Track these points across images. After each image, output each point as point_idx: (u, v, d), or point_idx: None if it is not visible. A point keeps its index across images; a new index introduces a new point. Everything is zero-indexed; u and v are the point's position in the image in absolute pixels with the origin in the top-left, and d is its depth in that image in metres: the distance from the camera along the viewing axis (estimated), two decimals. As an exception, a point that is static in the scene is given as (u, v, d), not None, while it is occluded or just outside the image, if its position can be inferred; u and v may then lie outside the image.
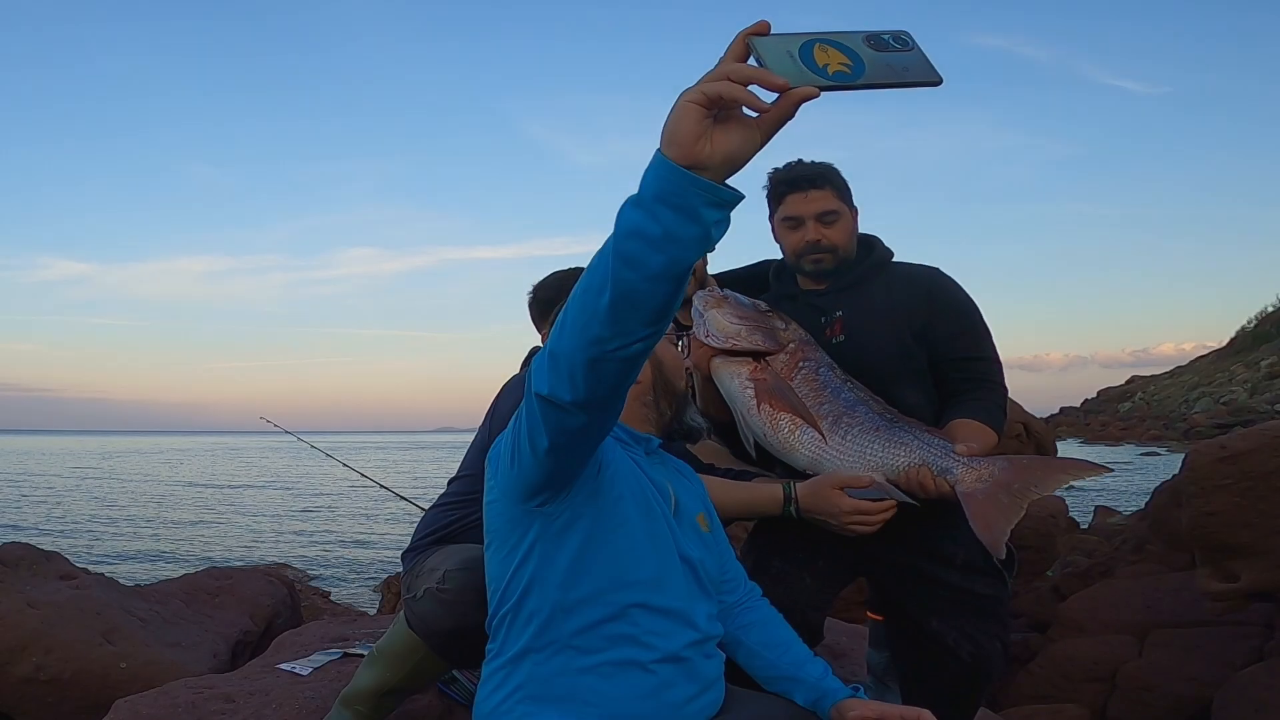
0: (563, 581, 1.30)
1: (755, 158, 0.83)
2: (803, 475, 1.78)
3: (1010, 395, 2.04)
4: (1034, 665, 4.14)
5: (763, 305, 1.78)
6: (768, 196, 1.99)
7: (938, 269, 2.01)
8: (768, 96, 0.77)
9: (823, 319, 1.94)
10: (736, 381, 1.67)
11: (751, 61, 0.78)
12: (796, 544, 1.92)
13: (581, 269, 2.03)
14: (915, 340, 1.91)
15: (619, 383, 1.04)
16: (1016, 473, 1.60)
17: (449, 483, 2.04)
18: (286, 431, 4.86)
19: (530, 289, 2.19)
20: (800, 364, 1.66)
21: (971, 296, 1.99)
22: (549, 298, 2.11)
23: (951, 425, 1.84)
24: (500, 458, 1.33)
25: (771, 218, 2.00)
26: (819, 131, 2.07)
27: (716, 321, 1.67)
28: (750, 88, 0.77)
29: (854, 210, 1.97)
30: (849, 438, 1.65)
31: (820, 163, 1.94)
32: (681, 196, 0.82)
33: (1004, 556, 1.60)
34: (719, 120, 0.80)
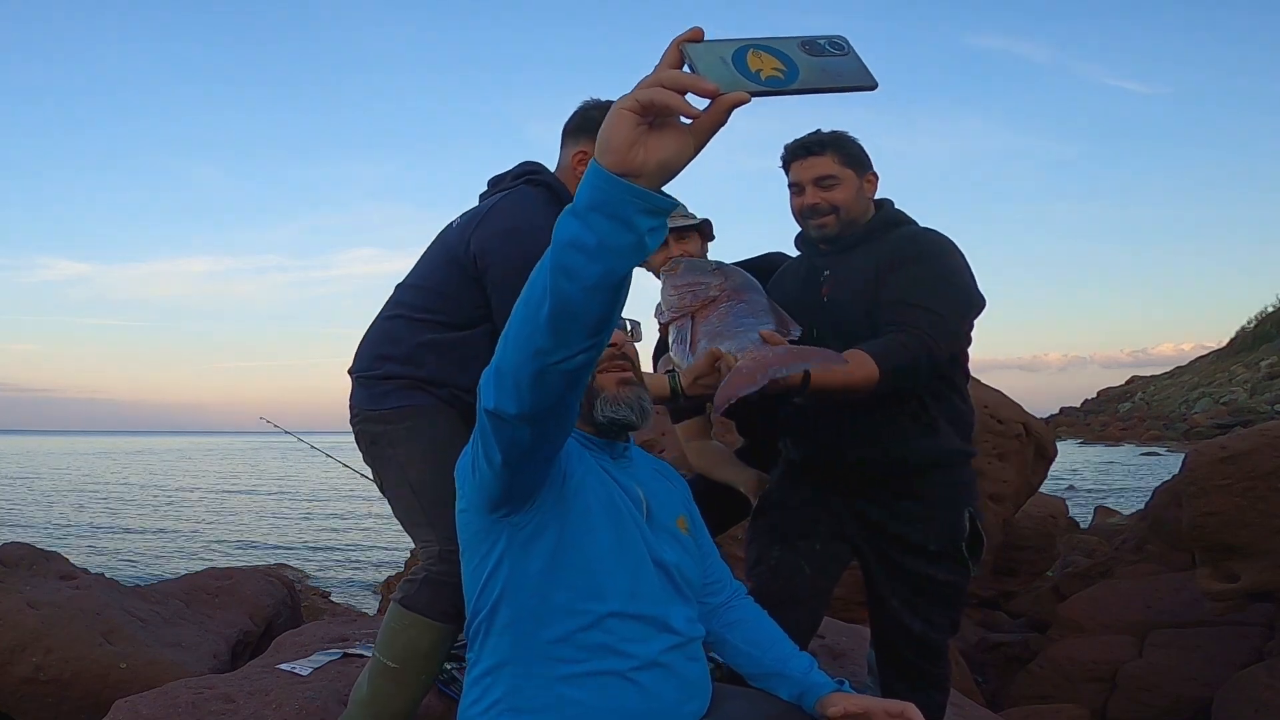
0: (534, 592, 1.30)
1: (700, 164, 0.82)
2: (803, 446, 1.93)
3: (1010, 395, 2.02)
4: (1034, 665, 4.14)
5: (709, 265, 1.84)
6: (782, 168, 2.01)
7: (929, 231, 1.96)
8: (701, 103, 0.76)
9: (820, 279, 1.99)
10: (674, 341, 1.80)
11: (685, 69, 0.77)
12: (795, 528, 2.01)
13: None
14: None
15: (564, 395, 1.04)
16: (779, 358, 1.57)
17: (399, 289, 1.96)
18: (286, 432, 4.86)
19: (585, 102, 1.96)
20: (722, 305, 1.74)
21: (954, 257, 1.89)
22: (595, 117, 1.90)
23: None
24: (464, 469, 1.33)
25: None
26: (811, 118, 2.03)
27: (664, 299, 1.79)
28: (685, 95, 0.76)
29: (865, 176, 1.96)
30: (704, 346, 1.73)
31: (832, 131, 1.96)
32: (615, 205, 0.81)
33: (723, 412, 1.58)
34: (653, 127, 0.79)
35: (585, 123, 1.93)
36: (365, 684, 1.77)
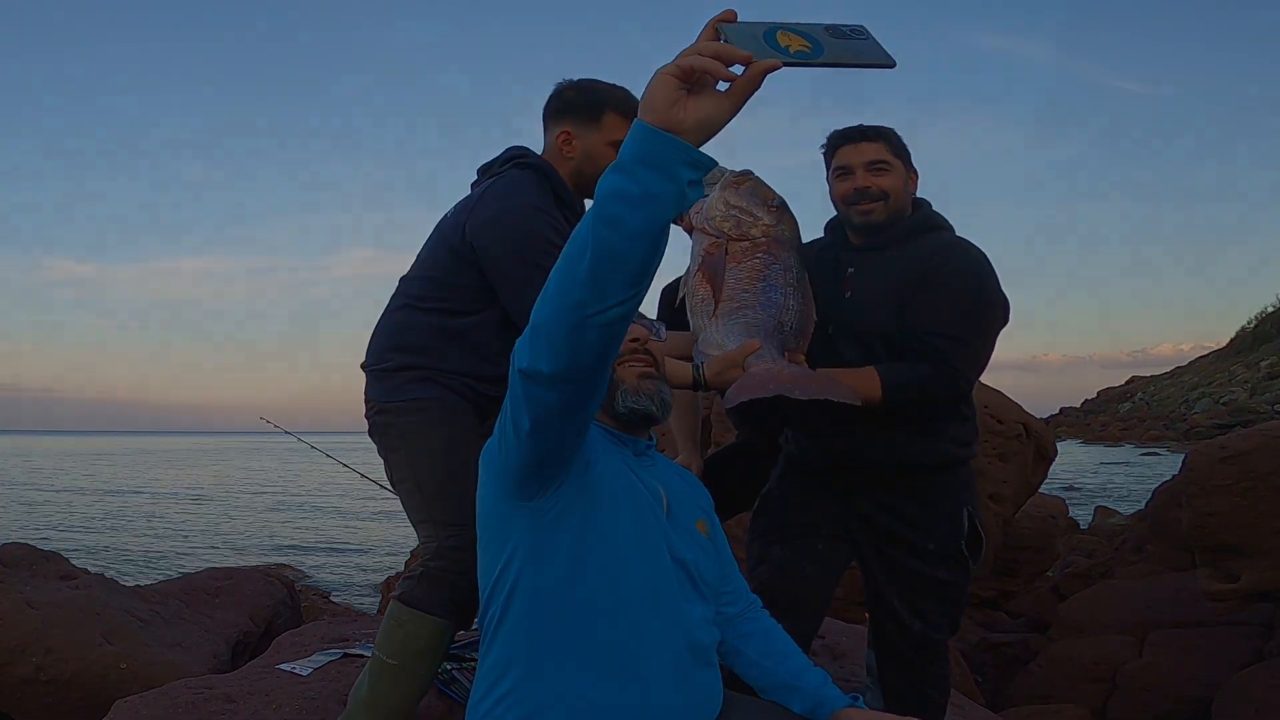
0: (549, 584, 1.29)
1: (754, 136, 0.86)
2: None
3: (1010, 395, 2.02)
4: (1034, 665, 4.14)
5: (774, 199, 1.72)
6: (824, 155, 1.98)
7: (965, 245, 1.92)
8: (736, 73, 0.85)
9: (844, 274, 1.96)
10: (696, 248, 1.74)
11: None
12: (795, 527, 2.00)
13: (620, 86, 1.87)
14: (905, 315, 1.88)
15: (598, 355, 1.05)
16: (794, 379, 1.60)
17: (403, 282, 1.97)
18: (286, 432, 4.85)
19: (559, 84, 1.95)
20: (758, 254, 1.66)
21: (983, 274, 1.88)
22: (573, 99, 1.92)
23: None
24: (490, 450, 1.33)
25: (828, 176, 1.99)
26: (816, 131, 2.06)
27: (711, 203, 1.70)
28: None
29: (911, 171, 1.95)
30: (727, 325, 1.67)
31: (879, 124, 1.94)
32: (659, 156, 0.88)
33: (731, 406, 1.57)
34: (692, 92, 0.87)
35: (564, 105, 1.94)
36: (365, 683, 1.77)
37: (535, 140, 1.98)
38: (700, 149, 0.89)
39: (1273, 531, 3.21)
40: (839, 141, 1.94)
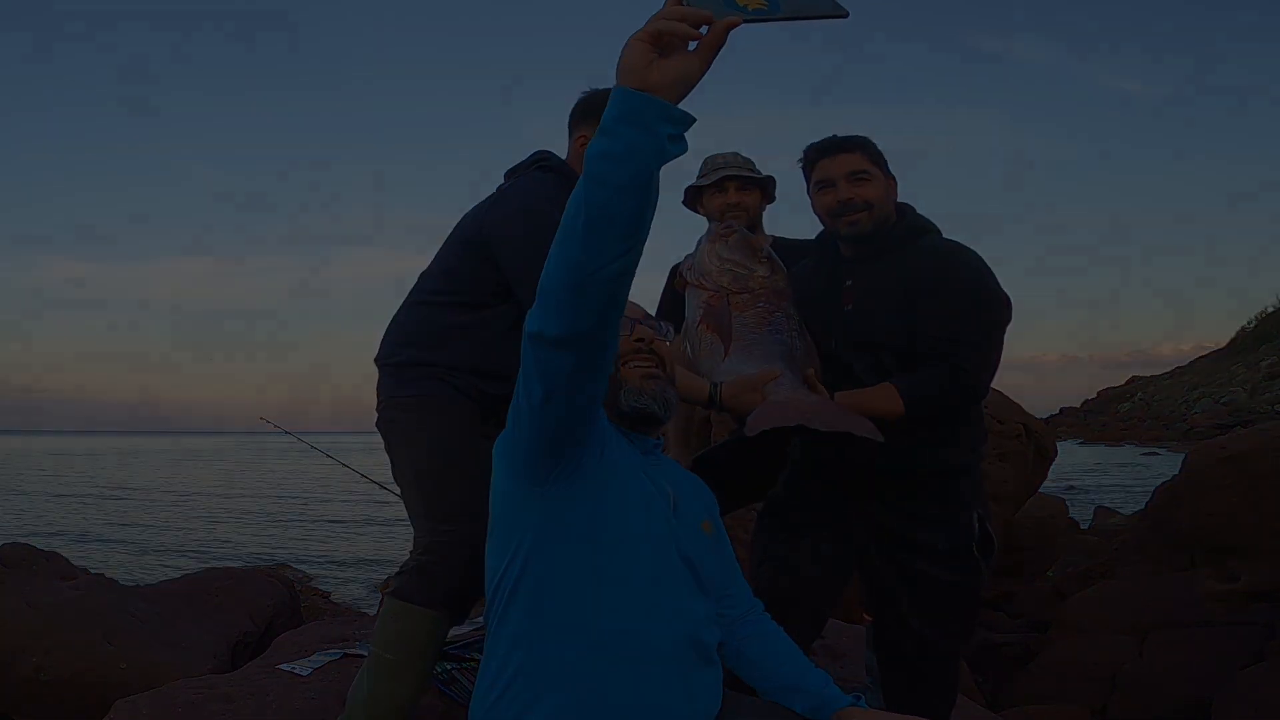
0: (557, 570, 1.30)
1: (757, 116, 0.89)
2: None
3: (1010, 395, 2.02)
4: (1034, 665, 4.15)
5: (763, 250, 1.78)
6: (803, 170, 1.98)
7: (961, 248, 1.93)
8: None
9: (842, 287, 1.96)
10: (694, 302, 1.77)
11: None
12: (801, 528, 2.00)
13: None
14: (913, 322, 1.88)
15: (601, 314, 1.08)
16: (815, 412, 1.67)
17: (420, 277, 2.02)
18: (286, 432, 4.86)
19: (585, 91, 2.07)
20: (759, 303, 1.72)
21: (983, 275, 1.88)
22: (594, 104, 2.00)
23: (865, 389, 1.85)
24: (503, 440, 1.34)
25: (809, 190, 1.99)
26: (815, 131, 2.06)
27: (702, 258, 1.76)
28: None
29: (890, 178, 1.95)
30: (742, 355, 1.72)
31: (854, 135, 1.95)
32: (637, 113, 0.96)
33: (752, 435, 1.64)
34: (664, 54, 0.96)
35: (585, 110, 2.02)
36: (364, 680, 1.77)
37: (539, 143, 2.03)
38: (678, 105, 0.96)
39: (1273, 532, 3.22)
40: (816, 155, 1.94)
